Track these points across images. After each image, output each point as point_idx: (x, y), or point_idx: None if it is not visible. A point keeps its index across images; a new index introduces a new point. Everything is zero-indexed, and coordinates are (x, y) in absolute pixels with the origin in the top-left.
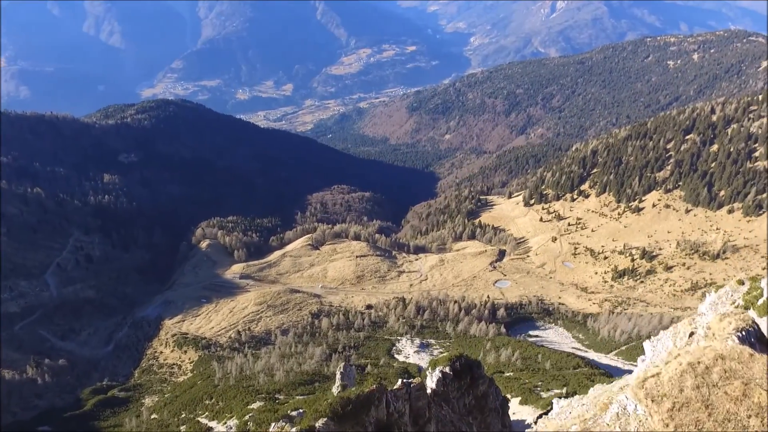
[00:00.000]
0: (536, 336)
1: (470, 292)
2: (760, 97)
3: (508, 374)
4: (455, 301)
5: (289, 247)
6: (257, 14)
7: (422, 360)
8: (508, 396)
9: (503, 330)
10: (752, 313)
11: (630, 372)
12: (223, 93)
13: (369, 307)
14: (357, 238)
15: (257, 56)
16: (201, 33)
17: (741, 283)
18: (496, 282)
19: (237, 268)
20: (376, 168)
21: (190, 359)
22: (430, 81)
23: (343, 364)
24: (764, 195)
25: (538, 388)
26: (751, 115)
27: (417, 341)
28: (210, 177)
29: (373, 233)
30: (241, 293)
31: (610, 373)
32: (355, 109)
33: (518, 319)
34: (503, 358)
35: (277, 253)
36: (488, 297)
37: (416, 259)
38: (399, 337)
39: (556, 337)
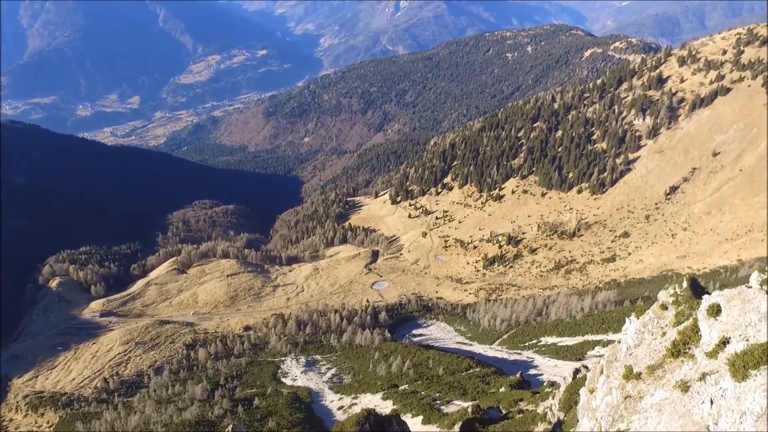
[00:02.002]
0: (420, 335)
1: (349, 299)
2: (591, 84)
3: (403, 387)
4: (336, 311)
5: (153, 274)
6: (90, 22)
7: (311, 380)
8: (409, 415)
9: (388, 335)
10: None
11: (518, 363)
12: (60, 110)
13: (247, 328)
14: (226, 255)
15: (96, 68)
16: (27, 44)
17: (664, 308)
18: (373, 284)
19: (96, 306)
20: (238, 178)
21: (48, 423)
22: (284, 84)
23: (231, 426)
24: (605, 174)
25: (438, 402)
26: (585, 102)
27: (302, 360)
28: (54, 205)
29: (242, 248)
30: (103, 334)
31: (501, 370)
32: (209, 118)
33: (400, 320)
34: (394, 368)
35: (140, 283)
36: (368, 301)
37: (290, 271)
38: (283, 358)
39: (439, 333)
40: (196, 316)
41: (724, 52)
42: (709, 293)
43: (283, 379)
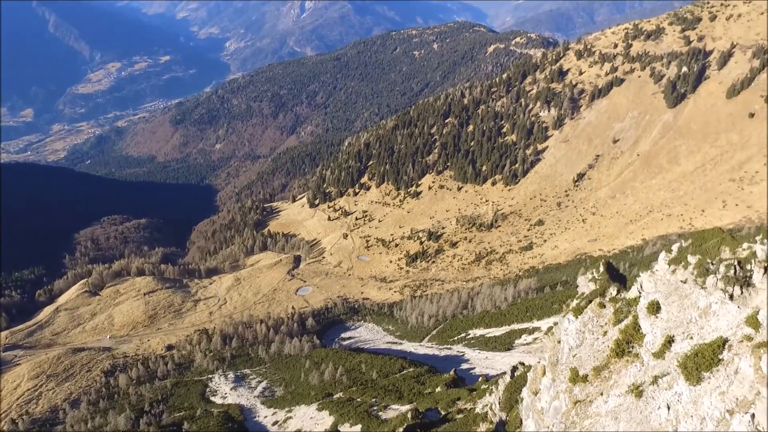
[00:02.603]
0: (349, 338)
1: (274, 307)
2: (497, 79)
3: (338, 395)
4: (261, 321)
5: (61, 299)
6: None
7: (242, 397)
8: (347, 425)
9: (317, 341)
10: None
11: (449, 358)
12: None
13: (170, 348)
14: (141, 272)
15: None
16: None
17: (602, 306)
18: (297, 290)
19: None
20: (149, 190)
21: None
22: (191, 91)
23: None
24: (517, 165)
25: (375, 408)
26: (493, 96)
27: (231, 375)
28: None
29: (158, 264)
30: (9, 369)
31: (434, 367)
32: (113, 129)
33: (328, 324)
34: (327, 376)
35: (47, 310)
36: (293, 308)
37: (211, 283)
38: (211, 376)
39: (368, 334)
40: (114, 340)
41: (616, 46)
42: (624, 275)
43: (212, 398)
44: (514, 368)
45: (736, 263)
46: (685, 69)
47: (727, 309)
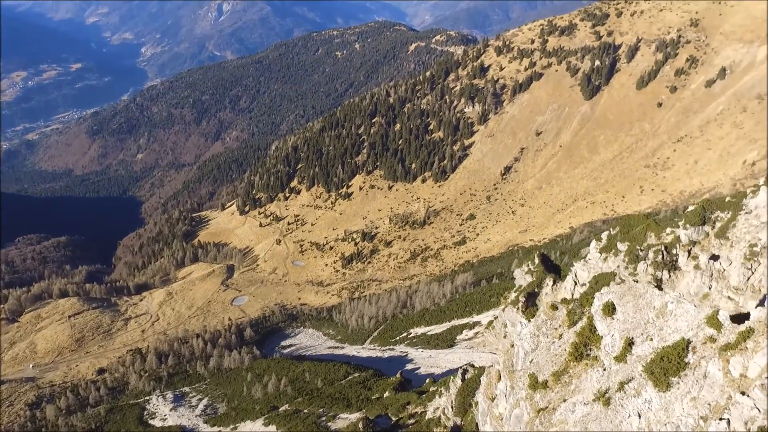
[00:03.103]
0: (290, 345)
1: (210, 320)
2: (421, 77)
3: (284, 407)
4: (198, 335)
5: None
6: None
7: (183, 417)
8: None
9: (257, 352)
10: None
11: (393, 360)
12: None
13: (101, 371)
14: (64, 294)
15: None
16: None
17: (554, 308)
18: (233, 300)
19: None
20: (67, 206)
21: None
22: (107, 99)
23: None
24: (445, 161)
25: (323, 419)
26: (418, 94)
27: (170, 395)
28: None
29: (83, 283)
30: None
31: (380, 370)
32: (23, 142)
33: (267, 333)
34: (271, 388)
35: None
36: (230, 319)
37: (141, 300)
38: (148, 397)
39: (309, 340)
40: (38, 369)
41: (533, 42)
42: (558, 265)
43: (151, 422)
44: (465, 371)
45: (663, 249)
46: (598, 62)
47: (684, 309)
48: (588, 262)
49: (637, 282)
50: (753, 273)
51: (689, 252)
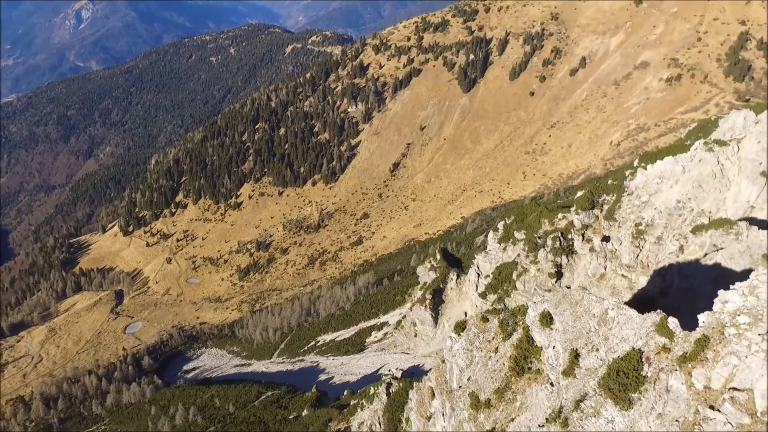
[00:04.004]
0: (194, 369)
1: (102, 353)
2: (301, 79)
3: None
4: (90, 372)
5: None
6: None
7: None
8: None
9: (159, 381)
10: None
11: (305, 372)
12: None
13: None
14: None
15: None
16: None
17: (485, 319)
18: (126, 329)
19: None
20: None
21: None
22: None
23: None
24: (334, 163)
25: None
26: (300, 96)
27: None
28: None
29: None
30: None
31: (293, 385)
32: None
33: (167, 359)
34: (179, 420)
35: None
36: (125, 349)
37: (18, 341)
38: None
39: (213, 361)
40: None
41: (409, 39)
42: (459, 258)
43: None
44: (389, 384)
45: (560, 235)
46: (472, 56)
47: (627, 315)
48: (489, 254)
49: (569, 288)
50: (641, 250)
51: (583, 236)
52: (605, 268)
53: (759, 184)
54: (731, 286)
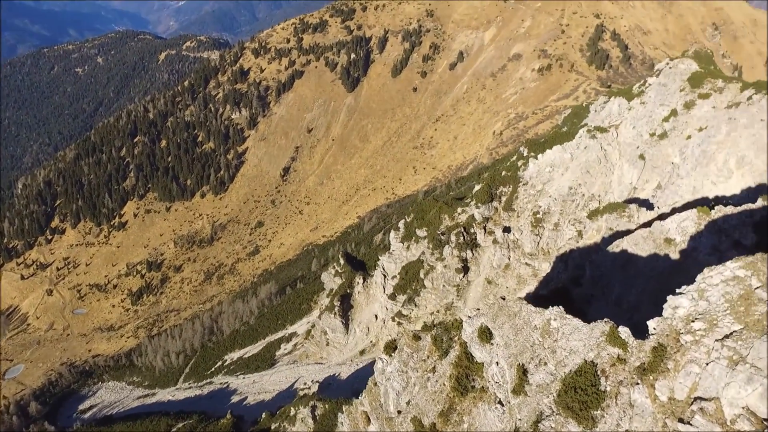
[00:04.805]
0: (91, 407)
1: None
2: (179, 88)
3: None
4: None
5: None
6: None
7: None
8: None
9: (51, 427)
10: None
11: (215, 395)
12: None
13: None
14: None
15: None
16: None
17: (417, 338)
18: (5, 374)
19: None
20: None
21: None
22: None
23: None
24: (222, 172)
25: None
26: (180, 106)
27: None
28: None
29: None
30: None
31: (205, 412)
32: None
33: (59, 401)
34: None
35: None
36: (5, 398)
37: None
38: None
39: (112, 395)
40: None
41: (288, 41)
42: (362, 261)
43: None
44: (313, 407)
45: (462, 229)
46: (354, 55)
47: (571, 325)
48: (392, 254)
49: (504, 299)
50: (541, 238)
51: (485, 228)
52: (509, 258)
53: (638, 167)
54: (677, 290)
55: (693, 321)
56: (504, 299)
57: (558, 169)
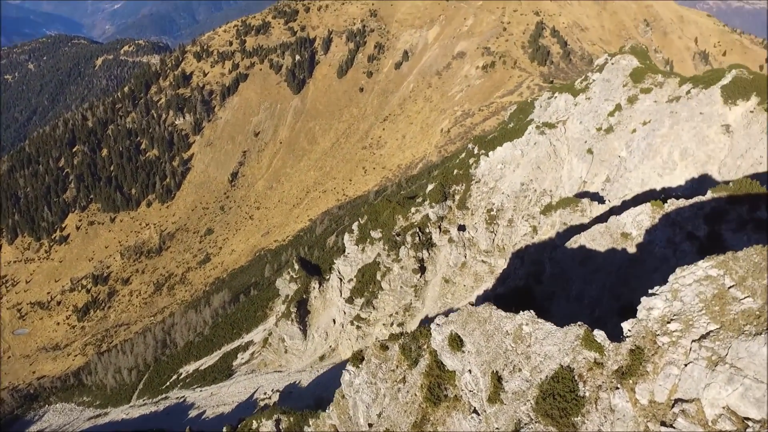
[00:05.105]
0: None
1: None
2: (119, 94)
3: None
4: None
5: None
6: None
7: None
8: None
9: None
10: None
11: (172, 411)
12: None
13: None
14: None
15: None
16: None
17: (384, 348)
18: None
19: None
20: None
21: None
22: None
23: None
24: (168, 180)
25: None
26: (120, 113)
27: None
28: None
29: None
30: None
31: (162, 429)
32: None
33: (1, 429)
34: None
35: None
36: None
37: None
38: None
39: (61, 418)
40: None
41: (231, 44)
42: (317, 265)
43: None
44: (278, 420)
45: (417, 230)
46: (298, 57)
47: (543, 329)
48: (348, 257)
49: (473, 305)
50: (496, 235)
51: (440, 228)
52: (465, 257)
53: (587, 161)
54: (650, 291)
55: (669, 322)
56: (473, 304)
57: (509, 165)
